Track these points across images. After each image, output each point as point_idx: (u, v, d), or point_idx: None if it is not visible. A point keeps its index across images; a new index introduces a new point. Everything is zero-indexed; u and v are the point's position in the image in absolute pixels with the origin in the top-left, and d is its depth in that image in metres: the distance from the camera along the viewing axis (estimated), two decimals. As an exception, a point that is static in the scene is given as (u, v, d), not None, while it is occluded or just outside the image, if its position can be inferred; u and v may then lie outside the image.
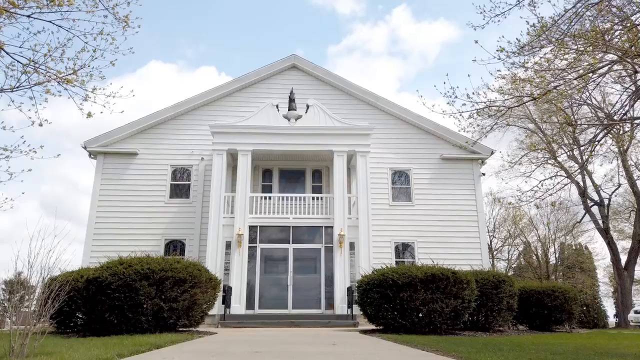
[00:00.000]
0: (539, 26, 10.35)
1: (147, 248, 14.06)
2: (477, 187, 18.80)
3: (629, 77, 12.06)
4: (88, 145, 17.97)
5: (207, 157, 18.04)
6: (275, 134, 16.81)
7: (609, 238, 27.31)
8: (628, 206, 31.88)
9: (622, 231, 34.89)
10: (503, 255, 43.21)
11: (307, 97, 18.12)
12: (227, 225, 15.99)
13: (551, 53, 10.60)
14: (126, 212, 17.54)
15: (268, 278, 16.04)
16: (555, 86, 10.27)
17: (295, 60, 19.75)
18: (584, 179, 27.19)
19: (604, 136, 12.43)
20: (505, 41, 10.25)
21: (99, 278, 10.10)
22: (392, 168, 18.84)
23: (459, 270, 11.57)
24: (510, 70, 10.87)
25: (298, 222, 16.39)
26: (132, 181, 18.00)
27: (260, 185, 18.52)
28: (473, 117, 10.88)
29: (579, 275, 38.96)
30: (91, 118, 8.73)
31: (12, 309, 6.69)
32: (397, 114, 19.35)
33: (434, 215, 18.21)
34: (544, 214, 37.44)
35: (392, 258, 17.51)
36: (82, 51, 8.53)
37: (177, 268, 10.42)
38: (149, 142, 18.53)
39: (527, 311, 14.39)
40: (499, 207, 38.06)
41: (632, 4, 10.16)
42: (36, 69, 8.18)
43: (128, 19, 8.71)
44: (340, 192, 16.42)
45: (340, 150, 16.81)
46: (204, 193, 17.79)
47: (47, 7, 7.90)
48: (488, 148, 18.96)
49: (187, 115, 18.96)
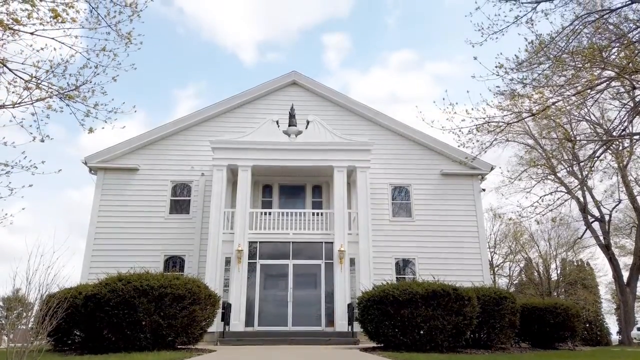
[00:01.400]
0: (537, 43, 10.46)
1: (146, 264, 13.97)
2: (478, 203, 18.77)
3: (627, 93, 12.14)
4: (89, 161, 18.00)
5: (208, 172, 18.06)
6: (275, 150, 16.85)
7: (610, 254, 27.16)
8: (629, 222, 31.79)
9: (624, 247, 34.73)
10: (504, 271, 42.95)
11: (307, 113, 18.22)
12: (226, 241, 15.92)
13: (549, 69, 10.69)
14: (126, 228, 17.48)
15: (268, 294, 15.92)
16: (553, 102, 10.34)
17: (296, 77, 19.90)
18: (584, 194, 27.15)
19: (603, 152, 12.47)
20: (503, 58, 10.35)
21: (97, 295, 10.02)
22: (392, 183, 18.84)
23: (460, 286, 11.48)
24: (509, 87, 10.96)
25: (298, 237, 16.33)
26: (132, 197, 17.98)
27: (260, 201, 18.49)
28: (472, 132, 10.94)
29: (581, 291, 38.64)
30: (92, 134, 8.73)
31: (10, 326, 6.62)
32: (397, 130, 19.42)
33: (435, 231, 18.14)
34: (545, 229, 37.32)
35: (392, 274, 17.39)
36: (84, 67, 8.60)
37: (176, 284, 10.35)
38: (150, 157, 18.56)
39: (530, 328, 14.24)
40: (499, 223, 37.95)
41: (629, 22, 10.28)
42: (38, 85, 8.23)
43: (131, 36, 8.79)
44: (341, 208, 16.39)
45: (340, 166, 16.83)
46: (203, 209, 17.75)
47: (51, 25, 7.98)
48: (488, 164, 18.98)
49: (187, 131, 19.03)
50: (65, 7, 7.98)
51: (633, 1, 9.76)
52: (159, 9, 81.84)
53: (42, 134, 8.45)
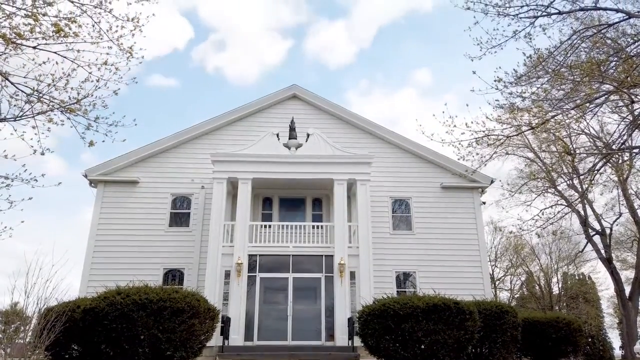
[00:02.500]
0: (535, 57, 10.55)
1: (145, 277, 13.90)
2: (478, 216, 18.74)
3: (626, 107, 12.20)
4: (89, 174, 18.02)
5: (208, 185, 18.06)
6: (275, 162, 16.87)
7: (612, 268, 27.02)
8: (630, 235, 31.69)
9: (625, 261, 34.58)
10: (505, 285, 42.71)
11: (308, 126, 18.27)
12: (226, 254, 15.87)
13: (548, 83, 10.76)
14: (125, 241, 17.43)
15: (267, 308, 15.81)
16: (553, 116, 10.39)
17: (296, 90, 20.01)
18: (584, 208, 27.11)
19: (603, 165, 12.49)
20: (502, 72, 10.43)
21: (96, 308, 9.96)
22: (392, 196, 18.83)
23: (461, 300, 11.41)
24: (508, 100, 11.02)
25: (298, 250, 16.27)
26: (132, 210, 17.96)
27: (260, 214, 18.46)
28: (472, 145, 10.99)
29: (583, 305, 38.37)
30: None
31: (7, 340, 6.57)
32: (397, 143, 19.48)
33: (435, 244, 18.09)
34: (546, 243, 37.18)
35: (393, 288, 17.28)
36: (86, 81, 8.67)
37: (176, 298, 10.29)
38: (150, 170, 18.59)
39: (531, 343, 14.11)
40: (500, 236, 37.85)
41: (627, 36, 10.37)
42: (40, 98, 8.29)
43: (132, 50, 8.89)
44: (341, 221, 16.36)
45: (340, 179, 16.84)
46: (203, 222, 17.72)
47: (53, 39, 8.06)
48: (488, 177, 18.99)
49: (188, 144, 19.08)
50: (68, 22, 8.07)
51: (630, 16, 9.86)
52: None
53: (43, 147, 8.48)
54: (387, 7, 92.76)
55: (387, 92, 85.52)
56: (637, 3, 11.37)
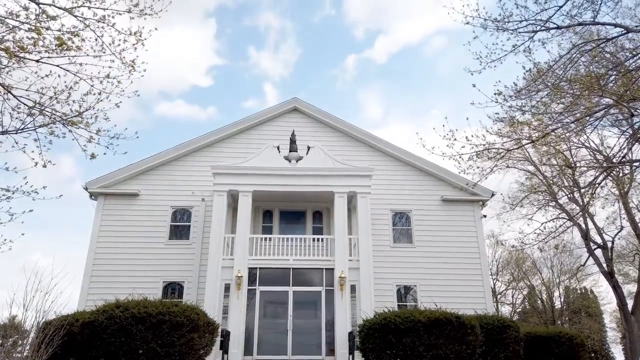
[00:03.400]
0: (534, 71, 10.61)
1: (145, 290, 13.83)
2: (479, 229, 18.69)
3: (626, 120, 12.24)
4: (89, 187, 18.03)
5: (208, 198, 18.05)
6: (276, 175, 16.89)
7: (614, 282, 26.84)
8: (632, 249, 31.53)
9: (627, 275, 34.37)
10: (507, 299, 42.42)
11: (308, 139, 18.34)
12: (226, 267, 15.79)
13: (548, 97, 10.80)
14: (125, 254, 17.37)
15: (267, 322, 15.68)
16: (553, 129, 10.42)
17: (297, 103, 20.12)
18: (585, 221, 27.02)
19: (604, 179, 12.49)
20: (502, 85, 10.48)
21: (94, 322, 9.89)
22: (392, 209, 18.80)
23: (463, 314, 11.33)
24: (508, 114, 11.05)
25: (298, 263, 16.19)
26: (132, 222, 17.93)
27: (260, 226, 18.42)
28: (473, 159, 10.98)
29: (586, 320, 38.08)
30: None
31: (5, 354, 6.51)
32: (398, 156, 19.51)
33: (436, 258, 18.01)
34: (547, 257, 37.01)
35: (394, 301, 17.17)
36: (88, 94, 8.71)
37: (175, 311, 10.23)
38: (150, 183, 18.60)
39: (534, 358, 13.97)
40: (501, 250, 37.70)
41: (625, 51, 10.45)
42: (42, 111, 8.32)
43: (134, 63, 8.94)
44: (341, 234, 16.31)
45: (341, 192, 16.83)
46: (203, 234, 17.68)
47: (56, 52, 8.13)
48: (489, 190, 18.99)
49: (188, 156, 19.12)
50: (71, 36, 8.14)
51: (628, 31, 9.94)
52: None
53: (44, 159, 8.49)
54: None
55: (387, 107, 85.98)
56: (635, 18, 11.49)
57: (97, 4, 8.26)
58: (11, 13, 7.81)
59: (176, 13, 60.29)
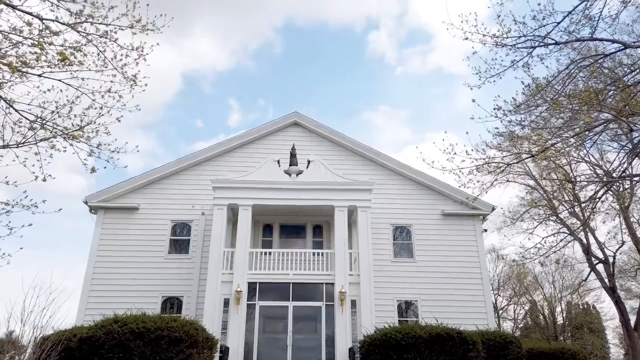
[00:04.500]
0: (533, 86, 10.67)
1: (144, 305, 13.70)
2: (480, 244, 18.61)
3: (625, 135, 12.29)
4: (89, 200, 18.00)
5: (208, 212, 18.02)
6: (276, 189, 16.88)
7: (616, 297, 26.64)
8: (633, 264, 31.38)
9: (630, 290, 34.15)
10: (509, 314, 42.08)
11: (308, 153, 18.37)
12: (225, 281, 15.69)
13: (547, 112, 10.86)
14: (124, 268, 17.27)
15: (267, 338, 15.51)
16: (552, 144, 10.44)
17: (297, 118, 20.19)
18: (587, 236, 26.93)
19: (604, 193, 12.46)
20: (501, 100, 10.53)
21: (92, 337, 9.79)
22: (393, 223, 18.75)
23: (464, 330, 11.23)
24: (508, 128, 11.10)
25: (298, 278, 16.08)
26: (131, 236, 17.86)
27: (260, 240, 18.36)
28: (473, 173, 10.99)
29: (588, 336, 37.73)
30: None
31: (0, 369, 6.44)
32: (398, 170, 19.52)
33: (437, 272, 17.90)
34: (549, 271, 36.85)
35: (394, 317, 17.01)
36: (89, 108, 8.76)
37: (174, 327, 10.14)
38: (150, 197, 18.57)
39: (537, 374, 13.82)
40: (502, 265, 37.52)
41: (623, 66, 10.52)
42: (43, 125, 8.36)
43: (136, 78, 9.01)
44: (342, 248, 16.23)
45: (341, 205, 16.80)
46: (203, 248, 17.60)
47: (59, 67, 8.19)
48: (489, 204, 18.95)
49: (189, 170, 19.13)
50: (74, 51, 8.21)
51: (626, 47, 10.03)
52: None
53: (45, 173, 8.50)
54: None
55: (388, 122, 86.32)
56: (632, 34, 11.61)
57: (100, 20, 8.35)
58: (15, 28, 7.88)
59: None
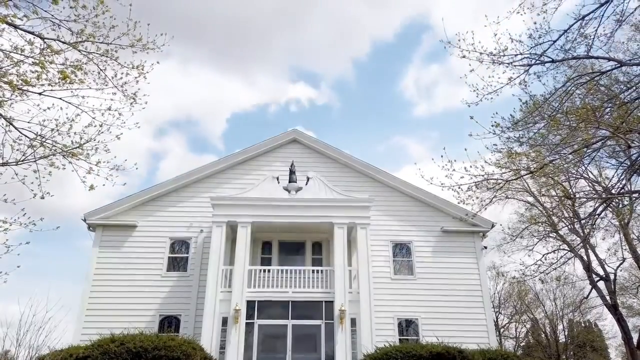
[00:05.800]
0: (531, 103, 10.76)
1: (141, 324, 13.59)
2: (480, 261, 18.51)
3: (623, 152, 12.33)
4: (88, 218, 17.93)
5: (207, 229, 17.94)
6: (275, 206, 16.85)
7: (618, 315, 26.38)
8: (635, 281, 31.17)
9: (631, 307, 33.86)
10: (510, 332, 41.62)
11: (308, 170, 18.38)
12: (224, 300, 15.54)
13: (545, 129, 10.92)
14: (121, 287, 17.11)
15: (266, 357, 15.29)
16: (551, 160, 10.47)
17: (296, 135, 20.26)
18: (587, 252, 26.78)
19: (604, 210, 12.47)
20: (499, 117, 10.60)
21: (89, 357, 9.67)
22: (392, 240, 18.67)
23: (466, 348, 11.10)
24: (506, 145, 11.14)
25: (297, 296, 15.94)
26: (129, 254, 17.75)
27: (259, 258, 18.25)
28: (472, 189, 10.98)
29: (591, 354, 37.30)
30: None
31: (-6, 391, 6.33)
32: (397, 187, 19.52)
33: (437, 290, 17.75)
34: (550, 289, 36.54)
35: (395, 335, 16.82)
36: (89, 126, 8.80)
37: (171, 346, 10.03)
38: (149, 214, 18.51)
39: (539, 394, 13.61)
40: (503, 282, 37.25)
41: (620, 83, 10.62)
42: (42, 143, 8.38)
43: (136, 96, 9.07)
44: (341, 265, 16.13)
45: (340, 222, 16.75)
46: (201, 266, 17.48)
47: (59, 85, 8.24)
48: (489, 221, 18.90)
49: (187, 187, 19.10)
50: (74, 69, 8.28)
51: (622, 64, 10.13)
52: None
53: (43, 190, 8.48)
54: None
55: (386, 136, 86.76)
56: (627, 52, 11.75)
57: (101, 39, 8.43)
58: (16, 47, 7.95)
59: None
